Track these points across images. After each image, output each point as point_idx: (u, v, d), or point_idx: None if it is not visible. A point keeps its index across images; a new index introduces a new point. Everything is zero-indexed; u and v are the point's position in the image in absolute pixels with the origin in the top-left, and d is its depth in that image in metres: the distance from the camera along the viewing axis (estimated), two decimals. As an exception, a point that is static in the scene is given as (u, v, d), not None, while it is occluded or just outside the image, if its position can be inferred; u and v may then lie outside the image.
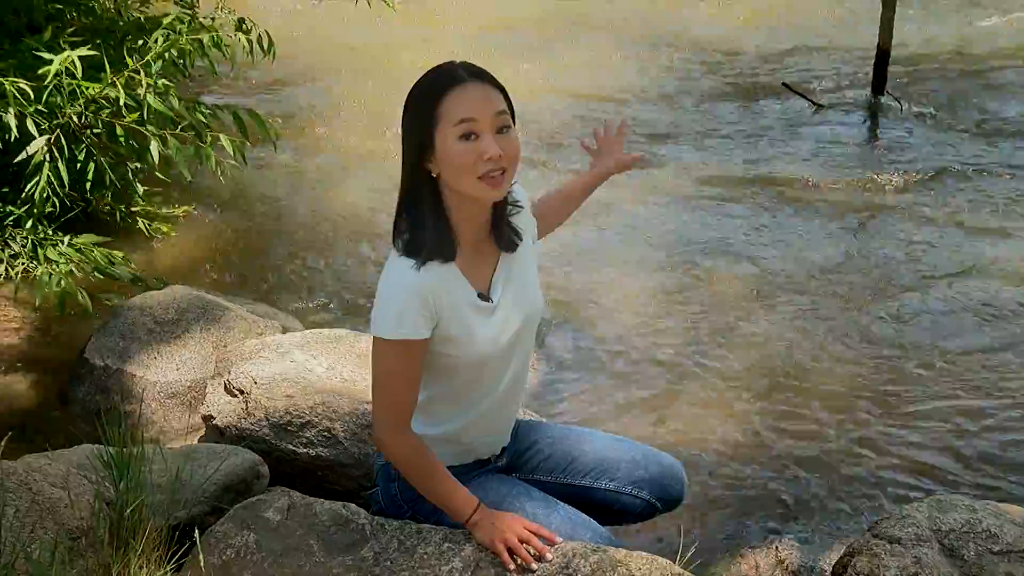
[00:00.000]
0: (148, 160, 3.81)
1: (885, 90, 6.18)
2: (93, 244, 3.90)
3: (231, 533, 2.02)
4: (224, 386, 2.77)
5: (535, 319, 2.07)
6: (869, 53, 6.33)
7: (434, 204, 1.88)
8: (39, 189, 3.53)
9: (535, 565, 1.89)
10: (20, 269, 3.68)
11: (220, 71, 4.84)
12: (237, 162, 4.11)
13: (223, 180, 4.16)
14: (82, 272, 3.79)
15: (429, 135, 1.82)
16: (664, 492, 2.23)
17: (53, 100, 3.58)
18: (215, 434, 2.73)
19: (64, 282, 3.55)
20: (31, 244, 3.75)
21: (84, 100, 3.65)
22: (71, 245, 3.81)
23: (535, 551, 1.90)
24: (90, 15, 4.14)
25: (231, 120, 4.08)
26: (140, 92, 3.70)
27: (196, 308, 3.32)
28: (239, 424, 2.65)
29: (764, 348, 3.84)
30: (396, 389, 1.91)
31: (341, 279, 4.38)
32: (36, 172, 3.55)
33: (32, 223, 3.75)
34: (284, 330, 3.37)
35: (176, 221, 4.56)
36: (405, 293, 1.85)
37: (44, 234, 3.81)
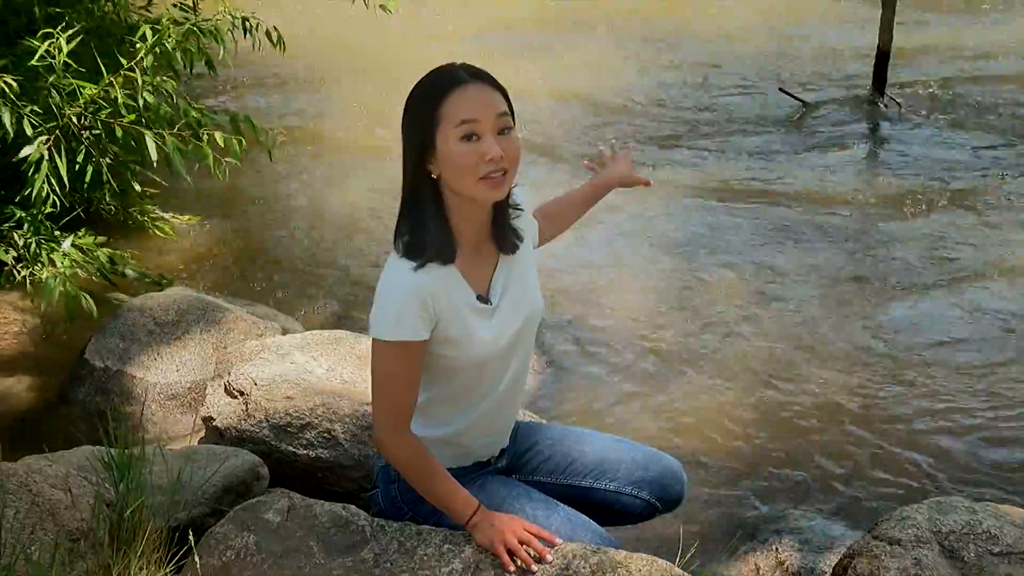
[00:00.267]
0: (146, 158, 3.80)
1: (885, 91, 6.18)
2: (96, 244, 3.89)
3: (231, 534, 2.02)
4: (224, 387, 2.77)
5: (535, 321, 2.07)
6: (869, 54, 6.34)
7: (435, 205, 1.87)
8: (37, 189, 3.53)
9: (535, 567, 1.89)
10: (25, 273, 3.67)
11: (221, 73, 4.83)
12: (235, 160, 4.09)
13: (221, 179, 4.14)
14: (86, 273, 3.79)
15: (430, 136, 1.81)
16: (664, 493, 2.22)
17: (53, 100, 3.57)
18: (215, 435, 2.73)
19: (69, 285, 3.54)
20: (34, 245, 3.74)
21: (84, 101, 3.65)
22: (74, 245, 3.81)
23: (535, 553, 1.90)
24: (90, 17, 4.14)
25: (229, 125, 4.07)
26: (137, 91, 3.70)
27: (196, 309, 3.32)
28: (239, 425, 2.65)
29: (764, 350, 3.84)
30: (395, 391, 1.90)
31: (341, 280, 4.38)
32: (35, 172, 3.55)
33: (32, 224, 3.74)
34: (284, 331, 3.37)
35: (174, 222, 4.56)
36: (404, 295, 1.84)
37: (47, 234, 3.80)
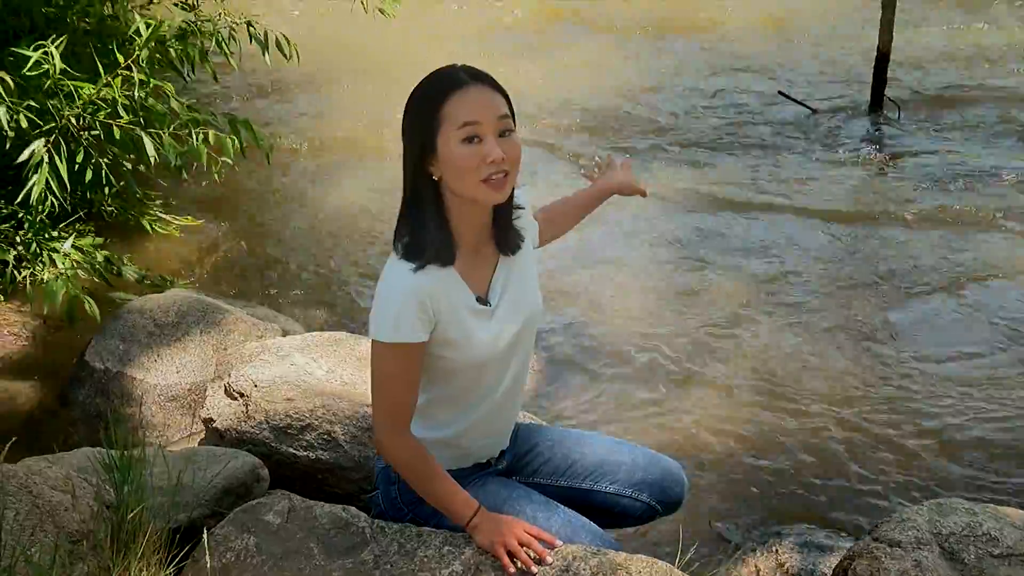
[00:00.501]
0: (144, 159, 3.80)
1: (885, 93, 6.17)
2: (94, 246, 3.89)
3: (231, 536, 2.02)
4: (224, 389, 2.77)
5: (534, 322, 2.07)
6: (869, 55, 6.33)
7: (435, 207, 1.87)
8: (37, 192, 3.53)
9: (535, 568, 1.89)
10: (26, 274, 3.67)
11: (221, 73, 4.84)
12: (229, 159, 4.08)
13: (219, 179, 4.15)
14: (86, 274, 3.79)
15: (431, 138, 1.81)
16: (664, 495, 2.22)
17: (52, 102, 3.58)
18: (215, 437, 2.73)
19: (70, 286, 3.54)
20: (34, 245, 3.74)
21: (83, 102, 3.65)
22: (74, 246, 3.81)
23: (535, 554, 1.90)
24: (91, 19, 4.14)
25: (227, 127, 4.07)
26: (134, 91, 3.70)
27: (196, 311, 3.32)
28: (239, 427, 2.65)
29: (765, 351, 3.84)
30: (395, 392, 1.90)
31: (341, 281, 4.38)
32: (33, 174, 3.55)
33: (32, 225, 3.74)
34: (284, 333, 3.37)
35: (175, 222, 4.56)
36: (403, 296, 1.84)
37: (47, 234, 3.80)
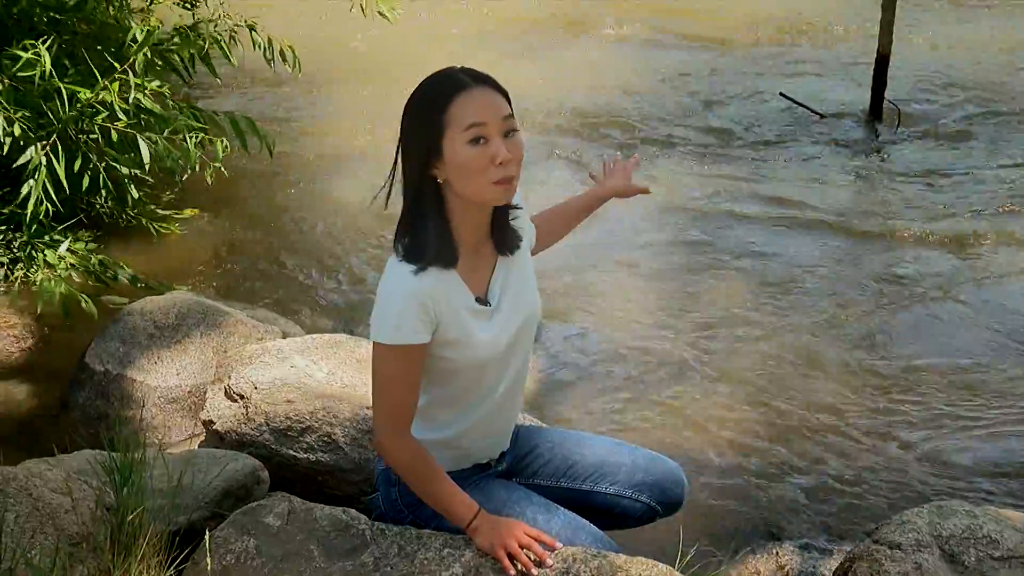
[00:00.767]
0: (139, 161, 3.80)
1: (884, 95, 6.16)
2: (89, 250, 3.88)
3: (231, 538, 2.02)
4: (224, 391, 2.77)
5: (533, 321, 2.07)
6: (869, 57, 6.33)
7: (437, 209, 1.87)
8: (33, 196, 3.53)
9: (535, 571, 1.89)
10: (20, 274, 3.68)
11: (222, 73, 4.84)
12: (217, 162, 4.07)
13: (210, 182, 4.14)
14: (81, 276, 3.79)
15: (436, 141, 1.81)
16: (665, 496, 2.22)
17: (49, 106, 3.58)
18: (215, 439, 2.73)
19: (64, 287, 3.54)
20: (29, 248, 3.75)
21: (80, 106, 3.65)
22: (69, 249, 3.80)
23: (536, 556, 1.90)
24: (91, 23, 4.14)
25: (229, 126, 4.07)
26: (131, 95, 3.70)
27: (196, 313, 3.32)
28: (239, 429, 2.65)
29: (765, 353, 3.84)
30: (396, 394, 1.91)
31: (341, 283, 4.38)
32: (29, 178, 3.55)
33: (29, 227, 3.74)
34: (284, 335, 3.37)
35: (175, 223, 4.56)
36: (404, 298, 1.84)
37: (44, 238, 3.80)
